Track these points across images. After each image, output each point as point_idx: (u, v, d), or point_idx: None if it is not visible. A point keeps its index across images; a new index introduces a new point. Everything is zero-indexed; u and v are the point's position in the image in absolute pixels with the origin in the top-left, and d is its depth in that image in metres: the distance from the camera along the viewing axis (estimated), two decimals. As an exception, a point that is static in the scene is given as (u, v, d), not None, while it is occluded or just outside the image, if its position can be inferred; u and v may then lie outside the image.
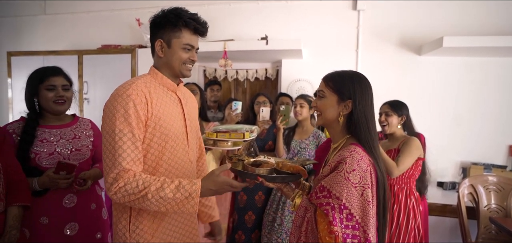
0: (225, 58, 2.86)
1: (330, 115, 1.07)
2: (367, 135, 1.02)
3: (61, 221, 1.45)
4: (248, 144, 1.43)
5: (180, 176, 1.20)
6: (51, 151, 1.45)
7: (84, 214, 1.51)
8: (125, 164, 1.02)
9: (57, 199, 1.45)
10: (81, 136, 1.56)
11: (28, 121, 1.45)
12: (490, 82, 2.82)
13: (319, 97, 1.11)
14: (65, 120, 1.56)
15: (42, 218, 1.42)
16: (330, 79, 1.09)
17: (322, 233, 0.94)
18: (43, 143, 1.45)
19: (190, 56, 1.19)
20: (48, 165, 1.44)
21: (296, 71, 3.20)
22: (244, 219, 2.46)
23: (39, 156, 1.43)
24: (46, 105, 1.48)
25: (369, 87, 1.07)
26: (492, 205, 2.32)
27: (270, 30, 3.03)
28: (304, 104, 2.38)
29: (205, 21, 1.21)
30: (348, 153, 0.97)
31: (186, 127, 1.24)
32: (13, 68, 3.41)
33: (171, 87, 1.22)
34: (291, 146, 2.41)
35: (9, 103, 3.51)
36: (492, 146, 2.83)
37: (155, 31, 1.19)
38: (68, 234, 1.46)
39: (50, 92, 1.47)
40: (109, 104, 1.08)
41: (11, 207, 1.28)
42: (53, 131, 1.49)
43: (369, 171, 0.97)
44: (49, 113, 1.51)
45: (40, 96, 1.47)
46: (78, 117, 1.64)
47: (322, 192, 0.98)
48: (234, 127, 1.79)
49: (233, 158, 1.27)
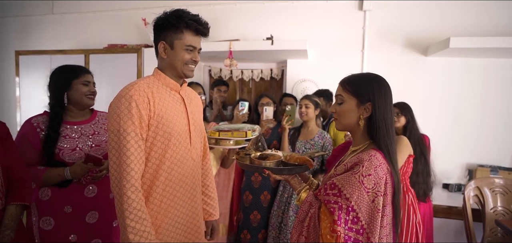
0: (231, 58, 2.86)
1: (350, 120, 1.04)
2: (385, 138, 1.00)
3: (83, 210, 1.53)
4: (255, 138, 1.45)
5: (182, 173, 1.24)
6: (73, 147, 1.51)
7: (103, 203, 1.58)
8: (130, 162, 1.07)
9: (80, 189, 1.52)
10: (100, 131, 1.62)
11: (53, 116, 1.50)
12: (497, 84, 2.80)
13: (337, 102, 1.08)
14: (85, 116, 1.63)
15: (66, 207, 1.49)
16: (347, 83, 1.05)
17: (324, 231, 0.92)
18: (66, 139, 1.51)
19: (192, 57, 1.22)
20: (70, 160, 1.50)
21: (301, 72, 3.20)
22: (249, 218, 2.47)
23: (63, 152, 1.49)
24: (79, 99, 1.55)
25: (388, 89, 1.04)
26: (498, 208, 2.30)
27: (276, 30, 3.04)
28: (309, 105, 2.38)
29: (206, 22, 1.23)
30: (367, 156, 0.95)
31: (189, 125, 1.27)
32: (21, 67, 3.45)
33: (174, 87, 1.25)
34: (296, 146, 2.41)
35: (17, 102, 3.55)
36: (498, 148, 2.81)
37: (158, 33, 1.22)
38: (89, 222, 1.54)
39: (85, 87, 1.56)
40: (113, 105, 1.12)
41: (9, 206, 1.29)
42: (74, 128, 1.55)
43: (385, 180, 0.95)
44: (76, 108, 1.57)
45: (74, 90, 1.54)
46: (97, 111, 1.70)
47: (332, 190, 0.96)
48: (237, 126, 1.81)
49: (240, 152, 1.29)
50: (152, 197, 1.16)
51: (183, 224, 1.27)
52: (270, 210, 2.46)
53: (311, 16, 3.15)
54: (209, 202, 1.49)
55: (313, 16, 3.15)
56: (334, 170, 1.07)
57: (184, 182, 1.25)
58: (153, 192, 1.17)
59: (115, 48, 3.27)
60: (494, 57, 2.76)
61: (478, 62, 2.81)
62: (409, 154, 1.95)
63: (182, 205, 1.25)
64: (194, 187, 1.30)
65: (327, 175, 1.12)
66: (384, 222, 0.94)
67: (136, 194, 1.07)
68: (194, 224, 1.31)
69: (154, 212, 1.17)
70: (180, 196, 1.24)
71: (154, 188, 1.17)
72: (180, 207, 1.25)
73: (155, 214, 1.17)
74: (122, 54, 3.21)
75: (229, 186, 2.46)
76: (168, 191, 1.20)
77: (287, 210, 2.31)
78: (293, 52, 2.95)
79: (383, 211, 0.93)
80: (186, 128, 1.26)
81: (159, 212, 1.18)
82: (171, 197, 1.21)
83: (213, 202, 1.50)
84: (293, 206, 2.30)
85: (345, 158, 1.11)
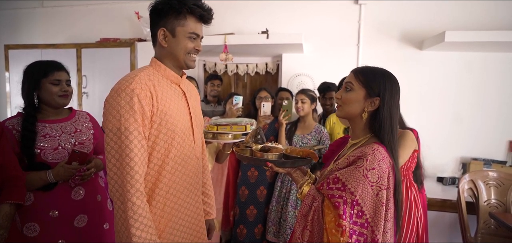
0: (226, 52, 2.83)
1: (354, 109, 1.03)
2: (389, 135, 1.00)
3: (71, 214, 1.45)
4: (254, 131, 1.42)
5: (186, 173, 1.16)
6: (55, 145, 1.44)
7: (91, 205, 1.52)
8: (133, 165, 0.97)
9: (66, 192, 1.44)
10: (82, 129, 1.55)
11: (26, 116, 1.43)
12: (491, 78, 2.82)
13: (345, 88, 1.06)
14: (63, 114, 1.55)
15: (52, 212, 1.41)
16: (360, 73, 1.04)
17: (329, 224, 0.92)
18: (46, 138, 1.43)
19: (195, 45, 1.13)
20: (54, 160, 1.43)
21: (296, 66, 3.18)
22: (245, 213, 2.47)
23: (44, 152, 1.41)
24: (50, 99, 1.46)
25: (398, 88, 1.04)
26: (492, 200, 2.33)
27: (271, 24, 3.01)
28: (305, 100, 2.37)
29: (210, 8, 1.15)
30: (370, 150, 0.95)
31: (191, 121, 1.19)
32: (10, 61, 3.38)
33: (175, 80, 1.16)
34: (293, 141, 2.40)
35: (7, 97, 3.49)
36: (492, 141, 2.84)
37: (156, 19, 1.11)
38: (78, 226, 1.47)
39: (56, 87, 1.46)
40: (111, 100, 1.00)
41: (3, 205, 1.25)
42: (54, 126, 1.48)
43: (388, 173, 0.95)
44: (49, 108, 1.49)
45: (43, 90, 1.45)
46: (76, 110, 1.63)
47: (336, 184, 0.96)
48: (235, 120, 1.78)
49: (241, 145, 1.26)
50: (154, 200, 1.07)
51: (186, 227, 1.19)
52: (266, 204, 2.46)
53: (307, 10, 3.13)
54: (207, 201, 1.43)
55: (309, 10, 3.12)
56: (335, 164, 1.06)
57: (188, 182, 1.17)
58: (156, 195, 1.07)
59: (108, 42, 3.21)
60: (489, 51, 2.77)
61: (473, 56, 2.83)
62: (414, 149, 1.95)
63: (186, 207, 1.18)
64: (197, 187, 1.23)
65: (327, 169, 1.11)
66: (388, 216, 0.94)
67: (141, 199, 0.98)
68: (197, 225, 1.24)
69: (157, 217, 1.08)
70: (184, 198, 1.16)
71: (157, 191, 1.07)
72: (184, 209, 1.17)
73: (158, 218, 1.08)
74: (115, 49, 3.16)
75: (222, 181, 2.45)
76: (171, 193, 1.11)
77: (286, 205, 2.31)
78: (289, 46, 2.93)
79: (386, 205, 0.94)
80: (189, 124, 1.17)
81: (162, 216, 1.09)
82: (175, 200, 1.12)
83: (211, 200, 1.45)
84: (292, 201, 2.29)
85: (345, 151, 1.10)
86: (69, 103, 1.55)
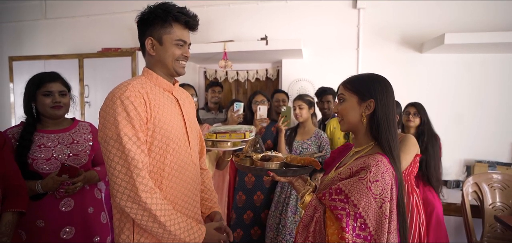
0: (225, 60, 2.85)
1: (352, 118, 1.05)
2: (387, 134, 1.00)
3: (57, 225, 1.45)
4: (253, 140, 1.41)
5: (184, 179, 1.16)
6: (48, 156, 1.45)
7: (81, 217, 1.51)
8: (141, 166, 0.98)
9: (54, 203, 1.44)
10: (79, 140, 1.56)
11: (25, 126, 1.46)
12: (493, 79, 2.80)
13: (339, 102, 1.09)
14: (63, 125, 1.56)
15: (38, 221, 1.42)
16: (348, 82, 1.08)
17: (331, 237, 0.91)
18: (41, 148, 1.45)
19: (183, 52, 1.15)
20: (47, 170, 1.44)
21: (296, 71, 3.18)
22: (242, 217, 2.47)
23: (37, 161, 1.42)
24: (43, 111, 1.48)
25: (389, 87, 1.04)
26: (497, 203, 2.29)
27: (270, 30, 3.03)
28: (303, 105, 2.36)
29: (195, 15, 1.17)
30: (374, 162, 0.94)
31: (186, 128, 1.20)
32: (14, 73, 3.42)
33: (167, 88, 1.17)
34: (293, 147, 2.39)
35: (11, 108, 3.52)
36: (496, 143, 2.80)
37: (143, 29, 1.14)
38: (64, 237, 1.46)
39: (47, 98, 1.48)
40: (107, 109, 1.01)
41: (6, 213, 1.26)
42: (51, 136, 1.49)
43: (391, 185, 0.94)
44: (47, 118, 1.51)
45: (37, 102, 1.48)
46: (78, 121, 1.63)
47: (338, 195, 0.94)
48: (233, 127, 1.77)
49: (240, 155, 1.25)
50: None
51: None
52: (263, 209, 2.46)
53: (305, 16, 3.14)
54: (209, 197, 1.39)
55: (307, 15, 3.14)
56: (336, 171, 1.05)
57: (187, 188, 1.17)
58: None
59: (109, 52, 3.24)
60: (490, 52, 2.75)
61: (473, 58, 2.81)
62: (416, 154, 1.93)
63: (185, 213, 1.17)
64: (195, 192, 1.23)
65: (327, 177, 1.10)
66: (392, 228, 0.93)
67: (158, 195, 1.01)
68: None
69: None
70: (183, 204, 1.16)
71: None
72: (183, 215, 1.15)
73: None
74: (116, 58, 3.18)
75: (223, 187, 2.44)
76: (169, 198, 1.11)
77: (285, 211, 2.29)
78: (288, 52, 2.94)
79: (390, 217, 0.92)
80: (183, 131, 1.18)
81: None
82: (173, 205, 1.12)
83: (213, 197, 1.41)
84: (291, 206, 2.28)
85: (347, 159, 1.10)
86: (64, 114, 1.56)
